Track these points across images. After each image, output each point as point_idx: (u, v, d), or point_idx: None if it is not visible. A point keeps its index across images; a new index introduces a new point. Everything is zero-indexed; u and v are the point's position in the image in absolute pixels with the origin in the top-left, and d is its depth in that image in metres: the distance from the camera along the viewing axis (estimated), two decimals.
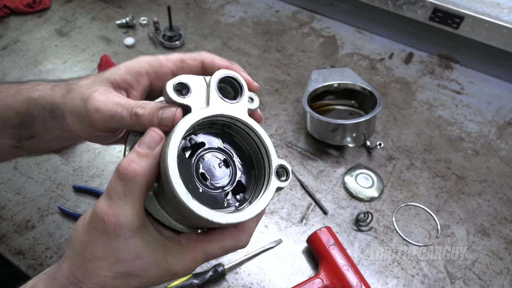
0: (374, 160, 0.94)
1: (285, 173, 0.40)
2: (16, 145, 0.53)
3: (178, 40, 1.21)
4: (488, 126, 1.05)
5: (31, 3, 1.29)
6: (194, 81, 0.39)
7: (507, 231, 0.82)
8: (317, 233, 0.73)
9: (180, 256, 0.39)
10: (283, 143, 0.96)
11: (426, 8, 1.12)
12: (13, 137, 0.52)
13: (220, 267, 0.71)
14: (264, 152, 0.41)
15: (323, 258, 0.72)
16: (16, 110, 0.49)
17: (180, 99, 0.38)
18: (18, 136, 0.52)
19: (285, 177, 0.40)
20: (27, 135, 0.52)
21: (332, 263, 0.70)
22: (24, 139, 0.52)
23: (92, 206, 0.40)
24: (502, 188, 0.90)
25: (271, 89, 1.10)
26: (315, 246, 0.73)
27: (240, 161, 0.43)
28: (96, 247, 0.37)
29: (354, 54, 1.24)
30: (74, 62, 1.14)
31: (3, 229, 0.77)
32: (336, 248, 0.72)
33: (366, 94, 0.95)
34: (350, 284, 0.68)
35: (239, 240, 0.41)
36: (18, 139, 0.52)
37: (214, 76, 0.40)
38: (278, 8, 1.41)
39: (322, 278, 0.69)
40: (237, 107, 0.40)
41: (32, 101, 0.48)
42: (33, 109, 0.48)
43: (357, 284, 0.68)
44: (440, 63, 1.23)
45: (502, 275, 0.76)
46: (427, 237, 0.80)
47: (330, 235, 0.73)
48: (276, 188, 0.39)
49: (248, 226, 0.42)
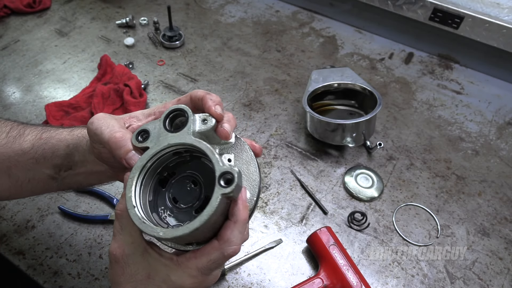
0: (374, 160, 0.94)
1: (229, 179, 0.40)
2: (53, 176, 0.59)
3: (178, 40, 1.21)
4: (488, 126, 1.05)
5: (31, 3, 1.29)
6: (154, 125, 0.46)
7: (507, 231, 0.82)
8: (317, 233, 0.73)
9: (178, 273, 0.44)
10: (283, 143, 0.96)
11: (426, 8, 1.12)
12: (54, 167, 0.58)
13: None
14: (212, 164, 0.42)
15: (323, 258, 0.72)
16: (67, 143, 0.57)
17: (140, 144, 0.45)
18: (58, 167, 0.58)
19: (228, 183, 0.40)
20: (66, 166, 0.58)
21: (332, 263, 0.70)
22: (63, 170, 0.58)
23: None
24: (502, 188, 0.90)
25: (271, 89, 1.10)
26: (315, 246, 0.73)
27: (206, 179, 0.48)
28: (117, 277, 0.45)
29: (354, 54, 1.24)
30: (74, 62, 1.14)
31: (3, 229, 0.77)
32: (336, 248, 0.72)
33: (366, 94, 0.95)
34: (350, 284, 0.68)
35: (225, 251, 0.44)
36: (57, 170, 0.58)
37: (163, 114, 0.47)
38: (278, 8, 1.41)
39: (322, 278, 0.69)
40: (182, 134, 0.44)
41: (81, 136, 0.56)
42: (80, 142, 0.56)
43: (357, 284, 0.68)
44: (440, 63, 1.23)
45: (502, 275, 0.76)
46: (427, 237, 0.80)
47: (330, 235, 0.73)
48: (220, 195, 0.39)
49: (228, 236, 0.44)
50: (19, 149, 0.57)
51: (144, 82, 1.07)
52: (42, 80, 1.08)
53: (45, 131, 0.59)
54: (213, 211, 0.39)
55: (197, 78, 1.12)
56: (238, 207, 0.44)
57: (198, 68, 1.15)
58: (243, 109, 1.04)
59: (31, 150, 0.57)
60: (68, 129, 0.59)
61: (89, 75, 1.10)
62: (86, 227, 0.78)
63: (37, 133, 0.58)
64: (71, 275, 0.71)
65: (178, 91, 1.07)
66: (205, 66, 1.16)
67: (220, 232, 0.44)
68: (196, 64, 1.16)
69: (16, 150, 0.57)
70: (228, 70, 1.15)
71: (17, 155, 0.57)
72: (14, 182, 0.58)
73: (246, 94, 1.08)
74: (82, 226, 0.78)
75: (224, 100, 1.06)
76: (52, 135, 0.58)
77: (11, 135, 0.58)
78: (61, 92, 1.05)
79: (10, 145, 0.57)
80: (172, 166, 0.48)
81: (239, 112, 1.03)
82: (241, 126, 0.99)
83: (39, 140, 0.57)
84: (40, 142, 0.57)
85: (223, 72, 1.15)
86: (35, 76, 1.09)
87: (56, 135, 0.58)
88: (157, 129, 0.46)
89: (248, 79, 1.13)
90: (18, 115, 0.98)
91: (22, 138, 0.58)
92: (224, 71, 1.15)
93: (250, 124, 1.00)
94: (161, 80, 1.10)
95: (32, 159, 0.57)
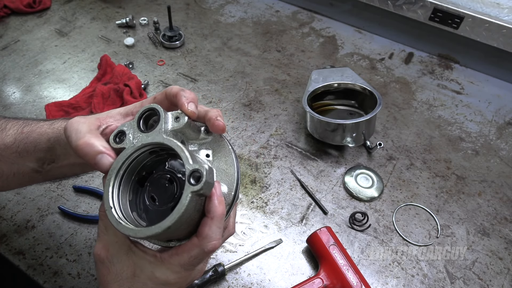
0: (374, 160, 0.94)
1: (198, 176, 0.40)
2: (37, 170, 0.59)
3: (178, 40, 1.21)
4: (488, 126, 1.05)
5: (31, 3, 1.29)
6: (130, 125, 0.47)
7: (507, 231, 0.82)
8: (317, 233, 0.73)
9: (162, 270, 0.45)
10: (283, 143, 0.96)
11: (426, 8, 1.12)
12: (37, 161, 0.58)
13: (220, 267, 0.71)
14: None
15: (323, 258, 0.72)
16: (48, 136, 0.56)
17: (117, 145, 0.46)
18: (42, 161, 0.58)
19: (197, 180, 0.40)
20: (49, 160, 0.58)
21: (332, 263, 0.70)
22: (46, 163, 0.58)
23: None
24: (502, 188, 0.90)
25: (271, 89, 1.10)
26: (315, 246, 0.73)
27: (182, 177, 0.47)
28: (104, 277, 0.46)
29: (354, 54, 1.24)
30: (74, 62, 1.14)
31: (3, 229, 0.77)
32: (336, 248, 0.72)
33: (366, 94, 0.95)
34: (350, 284, 0.68)
35: (204, 247, 0.44)
36: (41, 164, 0.58)
37: (136, 114, 0.47)
38: (278, 8, 1.41)
39: (322, 278, 0.69)
40: (154, 133, 0.45)
41: (62, 129, 0.54)
42: (61, 136, 0.54)
43: (357, 284, 0.68)
44: (440, 63, 1.23)
45: (502, 275, 0.76)
46: (427, 237, 0.80)
47: (330, 235, 0.73)
48: (190, 192, 0.39)
49: (206, 233, 0.44)
50: (2, 144, 0.57)
51: (144, 82, 1.07)
52: (42, 80, 1.08)
53: (26, 125, 0.58)
54: (183, 209, 0.39)
55: (197, 78, 1.12)
56: (213, 203, 0.44)
57: (198, 68, 1.15)
58: (243, 109, 1.04)
59: (13, 144, 0.57)
60: (49, 122, 0.58)
61: (89, 75, 1.10)
62: (86, 227, 0.78)
63: (18, 127, 0.58)
64: (71, 275, 0.71)
65: None
66: (205, 66, 1.16)
67: (198, 229, 0.45)
68: (196, 64, 1.16)
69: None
70: (228, 70, 1.15)
71: (0, 150, 0.57)
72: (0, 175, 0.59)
73: (246, 94, 1.08)
74: (82, 226, 0.78)
75: (224, 100, 1.06)
76: (33, 129, 0.57)
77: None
78: (61, 92, 1.05)
79: None
80: (150, 165, 0.48)
81: (239, 112, 1.03)
82: (241, 126, 0.99)
83: (20, 134, 0.57)
84: (22, 136, 0.57)
85: (223, 72, 1.15)
86: (35, 76, 1.09)
87: (37, 129, 0.57)
88: (133, 129, 0.46)
89: (248, 79, 1.13)
90: (18, 115, 0.98)
91: (5, 133, 0.58)
92: (224, 71, 1.15)
93: (250, 124, 1.00)
94: (161, 80, 1.10)
95: (15, 153, 0.57)
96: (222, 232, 0.46)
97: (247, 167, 0.90)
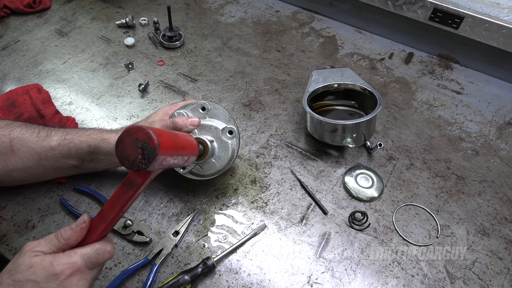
0: (374, 160, 0.94)
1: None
2: (77, 165, 0.76)
3: (178, 40, 1.21)
4: (488, 126, 1.05)
5: (31, 3, 1.29)
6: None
7: (507, 231, 0.82)
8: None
9: (62, 260, 0.51)
10: (283, 143, 0.96)
11: (426, 8, 1.12)
12: (78, 159, 0.76)
13: (209, 260, 0.71)
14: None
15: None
16: (88, 143, 0.74)
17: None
18: (82, 159, 0.76)
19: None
20: (89, 159, 0.76)
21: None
22: (86, 161, 0.76)
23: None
24: (502, 188, 0.90)
25: (271, 89, 1.10)
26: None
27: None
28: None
29: (354, 54, 1.24)
30: (74, 62, 1.15)
31: (3, 229, 0.77)
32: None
33: (366, 94, 0.95)
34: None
35: (104, 246, 0.54)
36: (81, 162, 0.76)
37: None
38: (278, 8, 1.41)
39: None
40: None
41: (102, 139, 0.74)
42: (102, 143, 0.74)
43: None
44: (440, 63, 1.23)
45: (502, 275, 0.76)
46: (427, 237, 0.80)
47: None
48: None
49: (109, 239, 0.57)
50: (48, 146, 0.72)
51: (144, 82, 1.07)
52: (42, 80, 1.08)
53: (68, 134, 0.75)
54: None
55: (197, 78, 1.12)
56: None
57: (198, 68, 1.15)
58: (243, 109, 1.04)
59: (58, 147, 0.73)
60: (86, 133, 0.75)
61: (89, 75, 1.10)
62: None
63: (61, 135, 0.74)
64: None
65: (178, 91, 1.08)
66: (205, 66, 1.16)
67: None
68: (196, 64, 1.16)
69: (45, 147, 0.72)
70: (228, 70, 1.15)
71: (46, 150, 0.72)
72: (41, 170, 0.74)
73: (246, 94, 1.08)
74: None
75: (224, 100, 1.06)
76: (74, 137, 0.74)
77: (41, 135, 0.73)
78: (61, 92, 1.05)
79: (41, 142, 0.72)
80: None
81: (239, 112, 1.03)
82: (241, 126, 0.99)
83: (64, 140, 0.74)
84: (65, 142, 0.73)
85: (223, 72, 1.15)
86: (35, 76, 1.09)
87: (77, 137, 0.74)
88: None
89: (248, 79, 1.13)
90: None
91: (50, 138, 0.73)
92: (224, 71, 1.15)
93: (250, 124, 1.00)
94: (161, 80, 1.10)
95: (59, 154, 0.73)
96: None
97: (247, 167, 0.90)
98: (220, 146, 0.77)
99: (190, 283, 0.68)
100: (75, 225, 0.54)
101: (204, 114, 0.78)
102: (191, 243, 0.77)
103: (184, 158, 0.58)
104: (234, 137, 0.77)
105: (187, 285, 0.68)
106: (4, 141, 0.70)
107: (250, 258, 0.75)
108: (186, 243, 0.77)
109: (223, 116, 0.78)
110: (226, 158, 0.77)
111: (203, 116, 0.78)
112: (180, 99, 1.05)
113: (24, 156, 0.71)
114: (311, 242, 0.78)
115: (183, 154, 0.57)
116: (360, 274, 0.74)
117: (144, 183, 0.53)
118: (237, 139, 0.77)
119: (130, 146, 0.46)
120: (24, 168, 0.72)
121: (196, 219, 0.81)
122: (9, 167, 0.71)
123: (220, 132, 0.76)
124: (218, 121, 0.78)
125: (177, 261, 0.74)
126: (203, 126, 0.77)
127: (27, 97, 0.97)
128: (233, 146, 0.77)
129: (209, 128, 0.77)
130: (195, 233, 0.78)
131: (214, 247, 0.76)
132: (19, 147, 0.71)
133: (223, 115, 0.78)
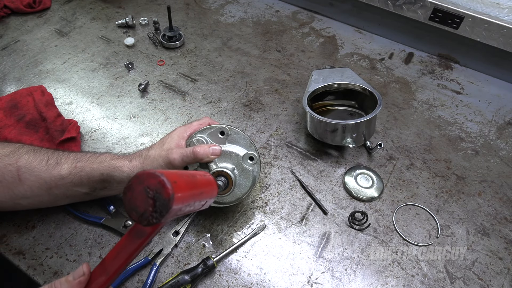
0: (374, 160, 0.94)
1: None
2: (88, 193, 0.73)
3: (178, 40, 1.21)
4: (488, 126, 1.05)
5: (31, 3, 1.29)
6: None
7: (507, 231, 0.82)
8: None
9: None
10: (283, 143, 0.96)
11: (426, 8, 1.12)
12: (90, 188, 0.72)
13: (209, 260, 0.71)
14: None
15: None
16: (100, 171, 0.70)
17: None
18: (94, 187, 0.72)
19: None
20: (101, 187, 0.73)
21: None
22: (98, 189, 0.73)
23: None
24: (502, 188, 0.90)
25: (271, 89, 1.10)
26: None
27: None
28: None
29: (354, 54, 1.24)
30: (74, 62, 1.15)
31: (3, 229, 0.77)
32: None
33: (366, 94, 0.95)
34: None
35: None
36: (93, 190, 0.73)
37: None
38: (278, 8, 1.41)
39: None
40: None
41: (115, 168, 0.71)
42: (115, 171, 0.71)
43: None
44: (440, 63, 1.23)
45: (502, 275, 0.76)
46: (427, 237, 0.80)
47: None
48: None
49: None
50: (58, 175, 0.68)
51: (144, 82, 1.07)
52: (42, 80, 1.08)
53: (78, 161, 0.70)
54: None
55: (197, 78, 1.12)
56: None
57: (198, 68, 1.15)
58: (243, 109, 1.04)
59: (69, 175, 0.69)
60: (97, 161, 0.71)
61: (89, 75, 1.10)
62: (86, 227, 0.78)
63: (71, 162, 0.70)
64: None
65: (178, 91, 1.08)
66: (205, 66, 1.16)
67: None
68: (196, 64, 1.16)
69: (55, 175, 0.68)
70: (228, 70, 1.15)
71: (56, 179, 0.68)
72: (53, 198, 0.71)
73: (246, 94, 1.08)
74: (82, 226, 0.78)
75: (224, 100, 1.06)
76: (85, 164, 0.70)
77: (50, 163, 0.69)
78: (61, 92, 1.05)
79: (50, 171, 0.68)
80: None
81: (239, 112, 1.03)
82: (241, 126, 0.99)
83: (75, 169, 0.69)
84: (76, 170, 0.69)
85: (223, 72, 1.15)
86: (35, 76, 1.09)
87: (88, 165, 0.70)
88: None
89: (248, 79, 1.13)
90: None
91: (60, 166, 0.69)
92: (224, 71, 1.15)
93: (250, 124, 1.00)
94: (161, 80, 1.10)
95: (70, 183, 0.69)
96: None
97: None
98: (241, 174, 0.72)
99: (190, 283, 0.68)
100: (72, 277, 0.48)
101: (223, 139, 0.73)
102: (191, 243, 0.77)
103: (201, 203, 0.52)
104: (256, 163, 0.72)
105: (187, 285, 0.68)
106: (11, 170, 0.66)
107: (250, 258, 0.75)
108: (186, 243, 0.77)
109: (243, 141, 0.73)
110: (247, 186, 0.73)
111: (222, 141, 0.73)
112: (180, 99, 1.05)
113: (33, 186, 0.67)
114: (311, 242, 0.78)
115: (200, 199, 0.50)
116: (360, 274, 0.74)
117: (153, 233, 0.47)
118: (258, 165, 0.73)
119: (139, 195, 0.40)
120: (34, 197, 0.69)
121: (196, 219, 0.81)
122: (17, 196, 0.68)
123: (241, 159, 0.72)
124: (238, 147, 0.73)
125: (177, 261, 0.74)
126: (223, 152, 0.72)
127: (31, 99, 0.97)
128: (255, 173, 0.73)
129: (230, 155, 0.72)
130: (195, 233, 0.78)
131: (214, 247, 0.76)
132: (27, 176, 0.67)
133: (243, 139, 0.73)
